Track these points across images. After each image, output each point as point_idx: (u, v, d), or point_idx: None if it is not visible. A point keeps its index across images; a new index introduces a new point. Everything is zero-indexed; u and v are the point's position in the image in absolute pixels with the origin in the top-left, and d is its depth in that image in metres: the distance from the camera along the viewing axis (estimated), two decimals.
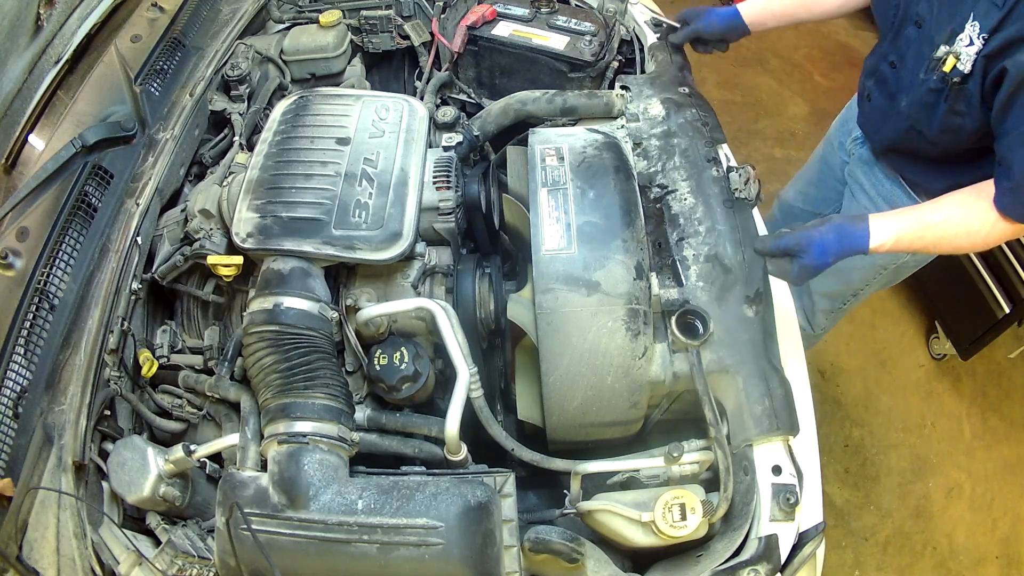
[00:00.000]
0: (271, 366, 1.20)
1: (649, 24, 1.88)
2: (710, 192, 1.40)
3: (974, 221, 1.33)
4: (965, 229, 1.34)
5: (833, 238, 1.31)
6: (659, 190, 1.45)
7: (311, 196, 1.34)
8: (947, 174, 1.56)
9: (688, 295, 1.29)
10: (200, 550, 1.17)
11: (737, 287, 1.29)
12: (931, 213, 1.36)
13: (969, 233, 1.35)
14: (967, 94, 1.35)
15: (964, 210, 1.35)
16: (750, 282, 1.30)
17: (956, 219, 1.35)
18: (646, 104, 1.60)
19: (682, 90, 1.62)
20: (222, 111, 1.75)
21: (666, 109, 1.57)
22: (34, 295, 1.31)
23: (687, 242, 1.35)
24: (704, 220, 1.36)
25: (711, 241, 1.34)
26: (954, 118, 1.42)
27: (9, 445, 1.22)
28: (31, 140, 1.53)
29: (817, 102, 3.77)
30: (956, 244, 1.38)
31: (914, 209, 1.40)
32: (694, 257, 1.33)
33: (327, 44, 1.90)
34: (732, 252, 1.32)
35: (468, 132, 1.67)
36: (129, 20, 1.76)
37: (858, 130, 1.84)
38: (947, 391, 2.82)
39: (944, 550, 2.47)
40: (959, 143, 1.48)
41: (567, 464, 1.26)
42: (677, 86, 1.64)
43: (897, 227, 1.34)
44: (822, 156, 2.10)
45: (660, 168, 1.47)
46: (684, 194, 1.41)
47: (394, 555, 1.04)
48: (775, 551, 1.14)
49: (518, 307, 1.35)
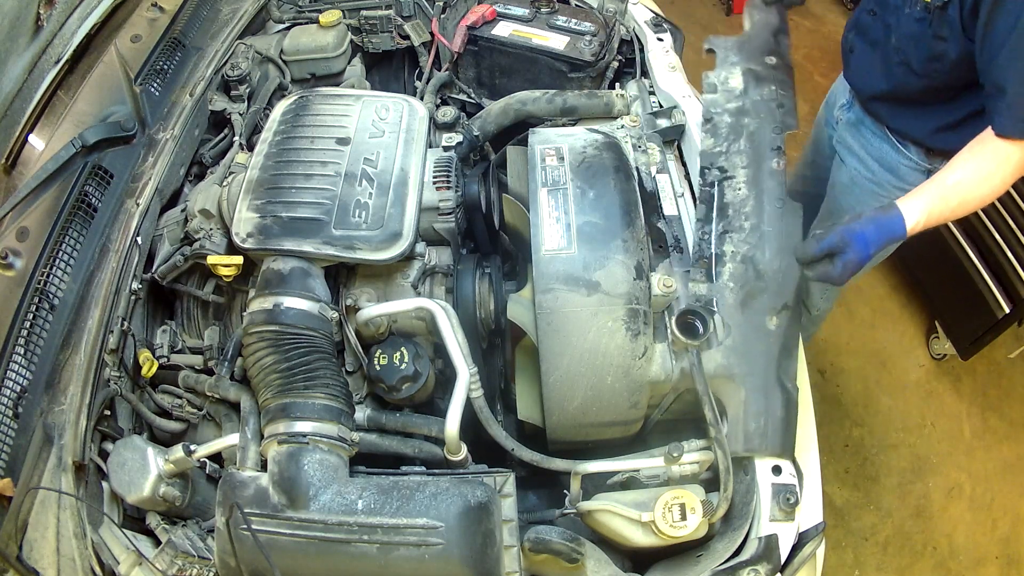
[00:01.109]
0: (271, 366, 1.20)
1: (649, 24, 1.88)
2: (765, 186, 1.37)
3: (986, 165, 1.36)
4: (982, 176, 1.36)
5: (872, 229, 1.30)
6: (718, 173, 1.41)
7: (311, 196, 1.34)
8: (933, 114, 1.62)
9: (715, 293, 1.27)
10: (200, 550, 1.17)
11: (765, 296, 1.27)
12: (948, 177, 1.38)
13: (988, 178, 1.36)
14: (948, 19, 1.42)
15: (974, 161, 1.37)
16: (780, 293, 1.27)
17: (971, 171, 1.37)
18: (727, 74, 1.53)
19: (769, 60, 1.55)
20: (222, 111, 1.75)
21: (745, 82, 1.50)
22: (34, 295, 1.31)
23: (730, 236, 1.33)
24: (752, 216, 1.34)
25: (752, 241, 1.31)
26: (938, 44, 1.47)
27: (9, 445, 1.22)
28: (31, 140, 1.53)
29: (817, 102, 3.72)
30: (980, 195, 1.38)
31: (931, 181, 1.41)
32: (732, 254, 1.31)
33: (327, 44, 1.90)
34: (770, 258, 1.29)
35: (468, 132, 1.67)
36: (129, 20, 1.76)
37: (844, 96, 1.90)
38: (947, 391, 2.82)
39: (944, 550, 2.47)
40: (944, 73, 1.53)
41: (567, 464, 1.26)
42: (766, 54, 1.56)
43: (923, 203, 1.35)
44: (813, 138, 2.20)
45: (725, 149, 1.42)
46: (740, 183, 1.38)
47: (394, 555, 1.04)
48: (775, 551, 1.14)
49: (518, 307, 1.35)
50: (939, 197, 1.36)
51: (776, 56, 1.57)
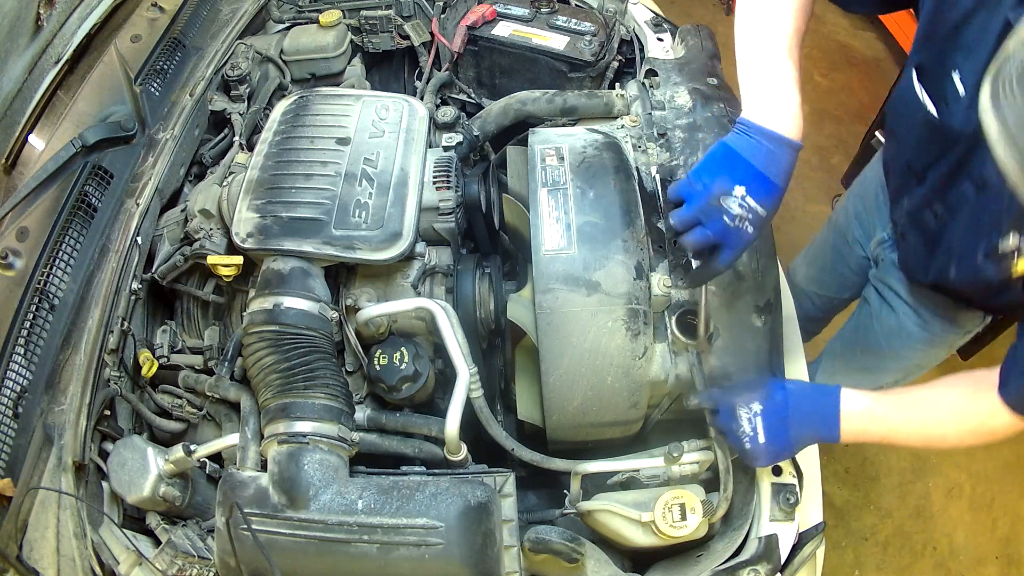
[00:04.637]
0: (271, 366, 1.20)
1: (649, 24, 1.88)
2: None
3: (969, 418, 1.10)
4: (954, 426, 1.11)
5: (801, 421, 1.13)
6: None
7: (311, 196, 1.34)
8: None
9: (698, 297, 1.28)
10: (200, 550, 1.17)
11: (748, 295, 1.28)
12: (912, 410, 1.12)
13: (959, 431, 1.11)
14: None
15: (957, 408, 1.11)
16: (761, 291, 1.28)
17: (945, 414, 1.11)
18: (673, 92, 1.55)
19: (711, 81, 1.57)
20: (222, 111, 1.74)
21: (693, 100, 1.52)
22: (34, 295, 1.31)
23: None
24: None
25: None
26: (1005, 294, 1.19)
27: (9, 445, 1.22)
28: (31, 140, 1.53)
29: (817, 102, 3.77)
30: (937, 442, 1.13)
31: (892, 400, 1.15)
32: None
33: (327, 44, 1.90)
34: (747, 259, 1.28)
35: (468, 132, 1.67)
36: (129, 20, 1.76)
37: (884, 230, 1.60)
38: None
39: (944, 550, 2.47)
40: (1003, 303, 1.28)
41: (567, 464, 1.26)
42: (706, 76, 1.58)
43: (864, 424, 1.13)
44: (833, 245, 1.87)
45: (682, 163, 1.42)
46: None
47: (394, 555, 1.04)
48: (775, 551, 1.14)
49: (518, 307, 1.35)
50: (887, 425, 1.12)
51: (716, 77, 1.57)
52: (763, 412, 1.12)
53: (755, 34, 1.13)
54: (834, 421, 1.11)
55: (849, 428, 1.11)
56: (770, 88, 1.08)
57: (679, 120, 1.49)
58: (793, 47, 1.12)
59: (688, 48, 1.70)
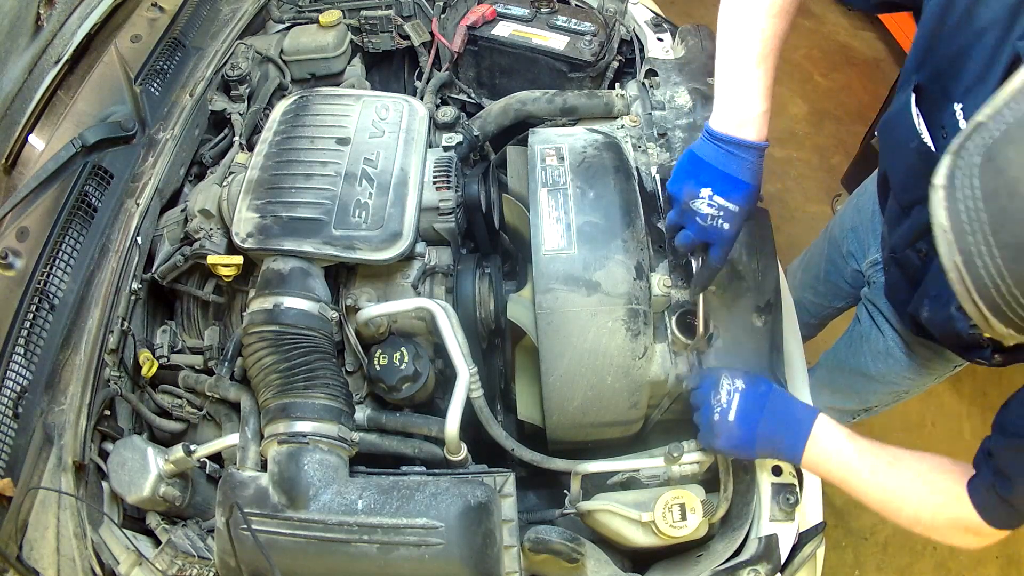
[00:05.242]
0: (271, 366, 1.20)
1: (649, 24, 1.88)
2: None
3: (933, 500, 1.05)
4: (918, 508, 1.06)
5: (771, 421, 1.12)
6: None
7: (311, 196, 1.34)
8: None
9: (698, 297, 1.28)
10: (200, 550, 1.17)
11: (748, 295, 1.28)
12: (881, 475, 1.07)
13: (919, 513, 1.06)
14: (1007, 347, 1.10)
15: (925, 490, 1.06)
16: (761, 292, 1.28)
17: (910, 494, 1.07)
18: (673, 92, 1.56)
19: (711, 81, 1.55)
20: (222, 111, 1.74)
21: (693, 100, 1.53)
22: (34, 295, 1.31)
23: None
24: None
25: None
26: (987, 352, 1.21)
27: (9, 445, 1.22)
28: (31, 140, 1.53)
29: (817, 102, 3.77)
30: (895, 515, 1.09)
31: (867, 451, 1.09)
32: None
33: (327, 44, 1.90)
34: (747, 259, 1.29)
35: (468, 132, 1.67)
36: (129, 20, 1.76)
37: (876, 251, 1.61)
38: (947, 391, 2.82)
39: (944, 550, 2.47)
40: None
41: (567, 464, 1.26)
42: (706, 76, 1.58)
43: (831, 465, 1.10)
44: (828, 256, 1.86)
45: None
46: None
47: (394, 555, 1.04)
48: (775, 551, 1.14)
49: (518, 307, 1.35)
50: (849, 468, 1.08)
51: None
52: (744, 392, 1.14)
53: (728, 41, 1.15)
54: (800, 439, 1.10)
55: (812, 454, 1.10)
56: (734, 95, 1.12)
57: (679, 120, 1.51)
58: (768, 53, 1.12)
59: (688, 48, 1.71)
